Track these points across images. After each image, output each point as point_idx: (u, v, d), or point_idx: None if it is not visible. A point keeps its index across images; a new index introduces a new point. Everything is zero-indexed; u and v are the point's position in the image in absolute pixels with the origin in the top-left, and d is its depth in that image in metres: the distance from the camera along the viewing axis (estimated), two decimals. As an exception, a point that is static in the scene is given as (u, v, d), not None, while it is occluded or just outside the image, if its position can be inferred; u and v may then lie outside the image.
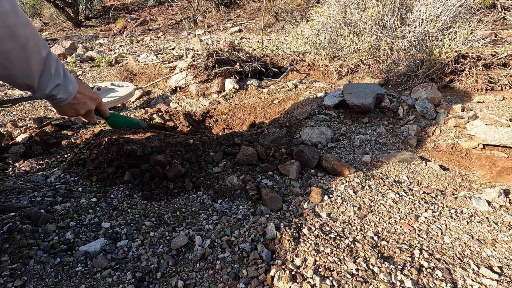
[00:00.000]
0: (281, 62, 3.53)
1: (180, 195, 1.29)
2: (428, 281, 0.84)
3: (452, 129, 1.92)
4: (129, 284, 0.85)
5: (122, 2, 10.39)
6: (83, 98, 1.09)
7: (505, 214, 1.16)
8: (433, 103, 2.14)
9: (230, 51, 3.26)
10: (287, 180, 1.36)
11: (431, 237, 1.03)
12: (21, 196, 1.29)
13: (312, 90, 2.91)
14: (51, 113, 2.52)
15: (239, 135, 1.76)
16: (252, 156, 1.49)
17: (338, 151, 1.75)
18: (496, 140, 1.64)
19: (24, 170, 1.56)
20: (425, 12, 2.98)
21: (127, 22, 8.13)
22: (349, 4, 3.61)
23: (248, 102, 2.70)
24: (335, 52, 3.57)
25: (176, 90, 3.15)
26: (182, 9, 8.40)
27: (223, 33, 6.49)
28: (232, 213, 1.16)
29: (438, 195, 1.29)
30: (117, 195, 1.31)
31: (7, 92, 2.96)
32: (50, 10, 9.00)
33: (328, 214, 1.14)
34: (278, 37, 5.69)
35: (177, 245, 0.98)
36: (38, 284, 0.85)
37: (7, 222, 1.06)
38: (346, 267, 0.88)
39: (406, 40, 2.98)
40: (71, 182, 1.45)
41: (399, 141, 1.85)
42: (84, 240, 1.03)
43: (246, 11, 8.27)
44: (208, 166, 1.46)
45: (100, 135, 1.78)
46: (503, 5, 4.80)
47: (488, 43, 3.48)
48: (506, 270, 0.89)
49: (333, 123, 2.08)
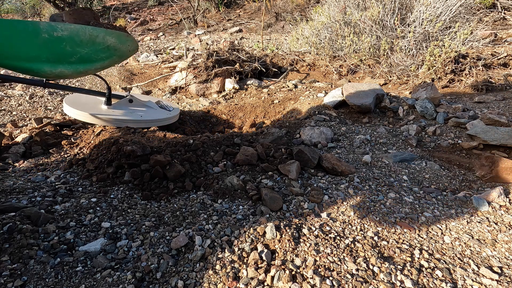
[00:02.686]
0: (281, 62, 3.53)
1: (180, 195, 1.29)
2: (428, 281, 0.84)
3: (452, 129, 1.92)
4: (129, 284, 0.85)
5: (122, 2, 10.39)
6: None
7: (505, 214, 1.16)
8: (433, 103, 2.14)
9: (230, 51, 3.26)
10: (287, 180, 1.36)
11: (431, 237, 1.03)
12: (21, 196, 1.29)
13: (312, 90, 2.91)
14: (51, 113, 2.52)
15: (239, 135, 1.76)
16: (252, 156, 1.49)
17: (338, 151, 1.74)
18: (496, 140, 1.64)
19: (24, 170, 1.56)
20: (425, 12, 2.98)
21: (127, 22, 8.13)
22: (349, 4, 3.61)
23: (248, 102, 2.70)
24: (335, 52, 3.57)
25: (176, 90, 3.15)
26: (182, 9, 8.40)
27: (223, 33, 6.49)
28: (232, 213, 1.16)
29: (438, 195, 1.29)
30: (117, 195, 1.31)
31: (7, 92, 2.96)
32: (50, 10, 9.01)
33: (328, 214, 1.14)
34: (278, 37, 5.69)
35: (177, 245, 0.98)
36: (38, 284, 0.85)
37: (7, 222, 1.06)
38: (346, 267, 0.88)
39: (406, 40, 2.98)
40: (71, 182, 1.45)
41: (399, 141, 1.85)
42: (84, 240, 1.03)
43: (246, 11, 8.27)
44: (208, 166, 1.46)
45: (100, 135, 1.78)
46: (503, 5, 4.80)
47: (488, 43, 3.48)
48: (506, 270, 0.89)
49: (333, 123, 2.08)
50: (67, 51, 0.82)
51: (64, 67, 0.87)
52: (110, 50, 0.92)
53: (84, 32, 0.80)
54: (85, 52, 0.85)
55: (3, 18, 1.41)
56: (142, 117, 1.61)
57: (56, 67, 0.85)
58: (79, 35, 0.81)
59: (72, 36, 0.79)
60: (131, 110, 1.66)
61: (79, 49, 0.82)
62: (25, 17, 9.70)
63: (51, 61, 0.80)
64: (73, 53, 0.84)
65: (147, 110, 1.72)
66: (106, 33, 0.88)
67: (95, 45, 0.85)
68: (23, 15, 9.75)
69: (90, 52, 0.86)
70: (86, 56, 0.87)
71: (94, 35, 0.83)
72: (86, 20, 0.91)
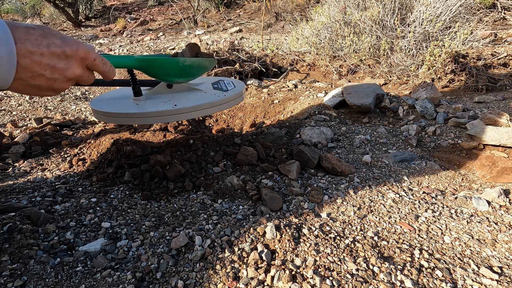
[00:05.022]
0: (281, 62, 3.53)
1: (180, 195, 1.29)
2: (428, 281, 0.84)
3: (452, 129, 1.92)
4: (129, 284, 0.85)
5: (122, 2, 10.39)
6: (42, 61, 0.57)
7: (505, 214, 1.16)
8: (433, 103, 2.14)
9: (230, 51, 3.26)
10: (287, 180, 1.36)
11: (431, 237, 1.03)
12: (21, 196, 1.29)
13: (312, 90, 2.91)
14: (51, 113, 2.52)
15: (239, 135, 1.76)
16: (252, 156, 1.49)
17: (338, 151, 1.75)
18: (496, 140, 1.64)
19: (24, 170, 1.56)
20: (425, 12, 2.98)
21: (127, 22, 8.13)
22: (349, 4, 3.61)
23: (248, 102, 2.70)
24: (335, 52, 3.57)
25: (176, 90, 3.15)
26: (182, 9, 8.40)
27: (223, 33, 6.49)
28: (232, 213, 1.16)
29: (438, 195, 1.29)
30: (117, 195, 1.31)
31: (7, 92, 2.96)
32: (50, 10, 9.01)
33: (328, 214, 1.14)
34: (278, 37, 5.69)
35: (177, 245, 0.98)
36: (38, 284, 0.85)
37: (7, 222, 1.06)
38: (346, 267, 0.88)
39: (406, 40, 2.98)
40: (71, 182, 1.45)
41: (399, 141, 1.85)
42: (84, 240, 1.03)
43: (246, 11, 8.26)
44: (208, 166, 1.46)
45: (100, 135, 1.78)
46: (503, 5, 4.80)
47: (488, 43, 3.48)
48: (506, 270, 0.89)
49: (333, 123, 2.08)
50: (187, 71, 1.33)
51: (182, 79, 1.39)
52: (205, 68, 1.40)
53: (197, 61, 1.34)
54: (194, 71, 1.37)
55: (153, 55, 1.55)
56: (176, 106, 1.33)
57: (179, 78, 1.37)
58: (194, 63, 1.33)
59: (191, 64, 1.32)
60: (168, 98, 1.42)
61: (192, 70, 1.35)
62: (25, 17, 9.70)
63: (179, 76, 1.35)
64: (189, 72, 1.35)
65: (190, 96, 1.45)
66: (205, 61, 1.38)
67: (199, 67, 1.36)
68: (23, 15, 9.75)
69: (196, 71, 1.38)
70: (194, 73, 1.39)
71: (201, 62, 1.35)
72: (196, 51, 1.44)
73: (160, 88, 1.43)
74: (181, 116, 1.34)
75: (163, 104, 1.33)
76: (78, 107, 2.76)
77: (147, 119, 1.31)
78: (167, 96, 1.42)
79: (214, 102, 1.38)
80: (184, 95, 1.43)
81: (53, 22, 9.02)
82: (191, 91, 1.48)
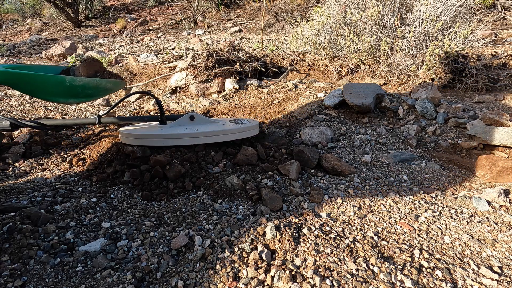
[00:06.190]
0: (281, 62, 3.53)
1: (180, 195, 1.29)
2: (428, 281, 0.84)
3: (452, 129, 1.92)
4: (129, 284, 0.85)
5: (122, 2, 10.39)
6: None
7: (505, 214, 1.16)
8: (433, 103, 2.14)
9: (230, 51, 3.26)
10: (287, 180, 1.36)
11: (431, 237, 1.03)
12: (21, 196, 1.29)
13: (312, 90, 2.91)
14: (51, 113, 2.52)
15: (239, 135, 1.76)
16: (252, 156, 1.49)
17: (338, 151, 1.75)
18: (496, 140, 1.64)
19: (24, 170, 1.56)
20: (425, 12, 2.98)
21: (127, 22, 8.13)
22: (349, 4, 3.61)
23: (248, 102, 2.70)
24: (335, 52, 3.57)
25: (176, 90, 3.15)
26: (182, 9, 8.40)
27: (223, 33, 6.49)
28: (232, 213, 1.16)
29: (438, 195, 1.29)
30: (117, 195, 1.31)
31: (7, 92, 2.96)
32: (50, 10, 9.01)
33: (328, 214, 1.14)
34: (278, 37, 5.69)
35: (177, 245, 0.98)
36: (38, 284, 0.85)
37: (7, 222, 1.06)
38: (346, 267, 0.88)
39: (406, 40, 2.99)
40: (71, 182, 1.45)
41: (399, 141, 1.85)
42: (84, 240, 1.03)
43: (246, 11, 8.27)
44: (208, 166, 1.46)
45: (100, 135, 1.78)
46: (503, 5, 4.80)
47: (488, 43, 3.48)
48: (506, 270, 0.89)
49: (333, 123, 2.08)
50: (79, 92, 1.20)
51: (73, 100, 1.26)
52: (108, 90, 1.31)
53: (93, 82, 1.20)
54: (90, 92, 1.24)
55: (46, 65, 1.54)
56: (198, 130, 1.47)
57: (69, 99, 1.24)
58: (89, 84, 1.21)
59: (84, 85, 1.19)
60: (190, 125, 1.56)
61: (87, 91, 1.22)
62: (25, 17, 9.70)
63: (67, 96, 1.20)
64: (82, 93, 1.23)
65: (209, 125, 1.59)
66: (107, 82, 1.27)
67: (98, 88, 1.24)
68: (23, 15, 9.75)
69: (94, 92, 1.25)
70: (91, 94, 1.26)
71: (99, 83, 1.23)
72: (95, 70, 1.27)
73: (183, 119, 1.58)
74: (201, 139, 1.47)
75: (185, 129, 1.48)
76: (78, 107, 2.76)
77: (171, 140, 1.43)
78: (190, 124, 1.57)
79: (231, 129, 1.54)
80: (205, 125, 1.58)
81: (53, 22, 9.03)
82: (211, 122, 1.63)
